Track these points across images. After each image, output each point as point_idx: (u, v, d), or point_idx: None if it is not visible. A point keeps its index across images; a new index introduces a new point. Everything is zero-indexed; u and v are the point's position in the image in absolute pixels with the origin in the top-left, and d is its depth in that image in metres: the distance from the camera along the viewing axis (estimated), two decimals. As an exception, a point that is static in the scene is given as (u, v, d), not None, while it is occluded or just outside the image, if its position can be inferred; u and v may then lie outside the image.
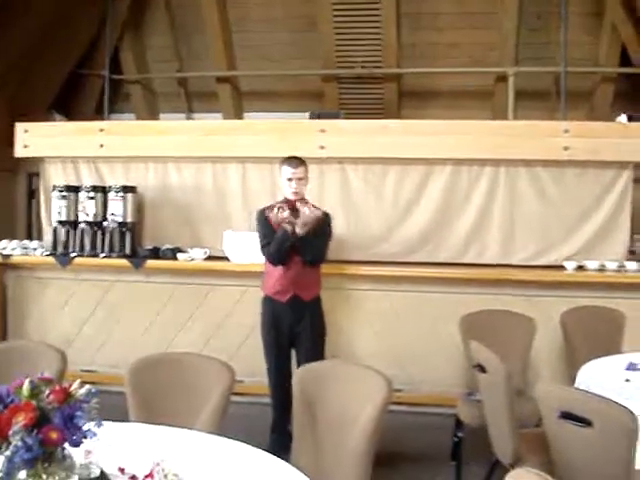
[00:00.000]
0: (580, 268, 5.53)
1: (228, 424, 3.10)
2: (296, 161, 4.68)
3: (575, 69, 8.38)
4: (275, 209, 4.69)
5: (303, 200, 4.74)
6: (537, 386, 3.02)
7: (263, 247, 4.73)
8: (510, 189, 5.77)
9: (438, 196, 5.83)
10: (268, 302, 4.78)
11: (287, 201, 4.71)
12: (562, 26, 8.12)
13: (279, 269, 4.67)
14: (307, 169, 4.72)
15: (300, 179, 4.67)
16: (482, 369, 3.59)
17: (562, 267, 5.57)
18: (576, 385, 3.43)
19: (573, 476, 2.81)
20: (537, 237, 5.75)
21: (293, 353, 4.80)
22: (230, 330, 5.76)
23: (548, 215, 5.73)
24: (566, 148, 5.55)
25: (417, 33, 9.00)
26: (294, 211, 4.62)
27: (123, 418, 2.98)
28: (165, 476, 2.15)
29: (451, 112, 8.73)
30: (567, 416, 2.73)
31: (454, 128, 5.78)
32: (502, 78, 8.90)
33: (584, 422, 2.66)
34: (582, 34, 8.73)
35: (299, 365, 4.67)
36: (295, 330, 4.72)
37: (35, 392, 1.93)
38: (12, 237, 6.58)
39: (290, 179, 4.65)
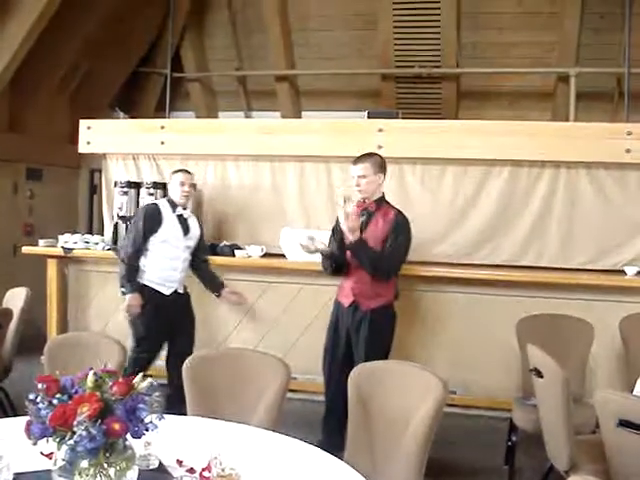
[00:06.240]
0: (641, 273, 5.41)
1: (282, 420, 3.13)
2: (359, 158, 4.42)
3: (639, 70, 8.18)
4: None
5: (382, 200, 4.47)
6: (595, 393, 2.98)
7: None
8: (570, 191, 5.68)
9: (496, 198, 5.78)
10: (335, 303, 4.63)
11: (357, 202, 4.45)
12: (626, 26, 7.98)
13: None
14: (374, 165, 4.38)
15: (361, 177, 4.36)
16: (539, 374, 3.55)
17: (622, 272, 5.46)
18: (635, 393, 3.37)
19: (630, 485, 2.77)
20: (597, 240, 5.64)
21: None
22: (285, 327, 5.80)
23: (609, 218, 5.61)
24: (628, 150, 5.42)
25: (477, 33, 8.91)
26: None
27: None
28: (222, 469, 2.19)
29: (510, 113, 8.64)
30: (626, 424, 2.69)
31: (514, 129, 5.71)
32: (563, 79, 8.75)
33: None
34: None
35: None
36: (352, 340, 4.46)
37: (99, 384, 1.99)
38: (74, 231, 6.74)
39: (353, 177, 4.43)
